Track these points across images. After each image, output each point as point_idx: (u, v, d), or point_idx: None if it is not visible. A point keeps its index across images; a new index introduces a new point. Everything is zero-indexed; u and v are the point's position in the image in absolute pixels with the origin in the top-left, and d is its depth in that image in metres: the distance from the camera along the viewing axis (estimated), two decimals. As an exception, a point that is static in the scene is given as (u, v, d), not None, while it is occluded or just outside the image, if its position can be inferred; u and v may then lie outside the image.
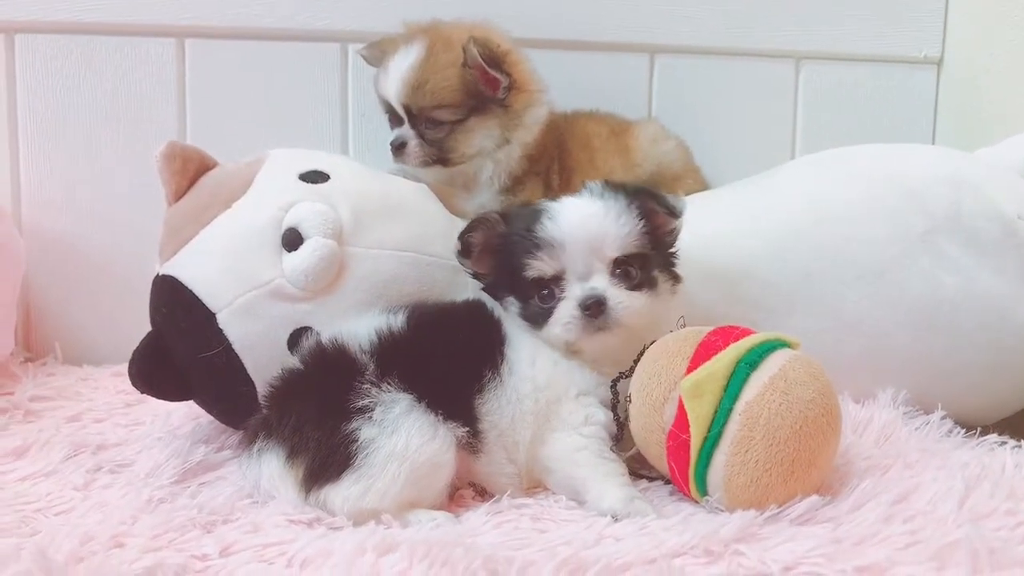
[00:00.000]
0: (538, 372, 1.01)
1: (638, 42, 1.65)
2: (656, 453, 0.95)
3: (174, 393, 1.14)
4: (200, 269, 1.10)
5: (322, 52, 1.59)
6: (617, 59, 1.65)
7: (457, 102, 1.27)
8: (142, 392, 1.12)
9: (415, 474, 0.91)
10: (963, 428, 1.14)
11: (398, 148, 1.31)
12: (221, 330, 1.07)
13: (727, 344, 0.92)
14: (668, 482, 1.00)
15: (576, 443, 0.98)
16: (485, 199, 1.34)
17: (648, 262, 1.03)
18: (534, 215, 1.02)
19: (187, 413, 1.25)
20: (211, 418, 1.20)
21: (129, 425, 1.25)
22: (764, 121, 1.72)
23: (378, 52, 1.35)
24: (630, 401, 0.98)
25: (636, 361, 1.00)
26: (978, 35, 1.65)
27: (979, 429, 1.10)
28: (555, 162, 1.36)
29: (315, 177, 1.17)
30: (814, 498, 0.88)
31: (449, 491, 0.97)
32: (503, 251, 1.04)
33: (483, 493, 1.01)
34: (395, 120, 1.34)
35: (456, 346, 1.01)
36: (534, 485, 1.01)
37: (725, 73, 1.69)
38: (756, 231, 1.27)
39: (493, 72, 1.26)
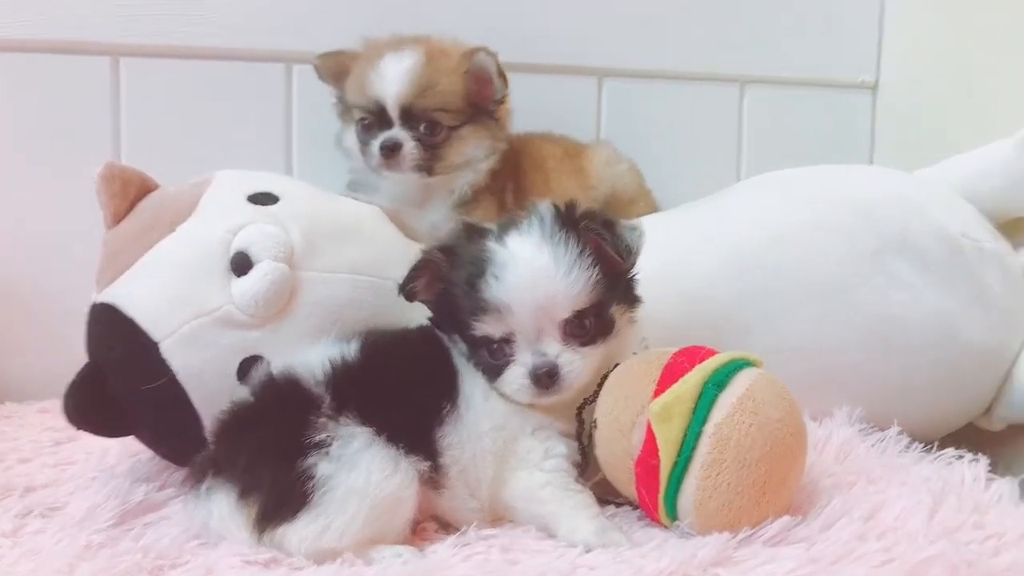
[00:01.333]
0: (492, 409, 0.96)
1: (587, 65, 1.66)
2: (624, 479, 0.93)
3: (113, 429, 1.07)
4: (142, 296, 1.03)
5: (266, 72, 1.54)
6: (566, 81, 1.66)
7: (459, 108, 1.27)
8: (79, 428, 1.04)
9: (375, 511, 0.86)
10: (914, 443, 1.15)
11: (391, 150, 1.25)
12: (165, 360, 1.01)
13: (693, 365, 0.90)
14: (636, 507, 0.97)
15: (538, 480, 0.94)
16: (437, 217, 1.32)
17: (603, 306, 0.96)
18: (478, 267, 0.94)
19: (123, 450, 1.18)
20: (152, 455, 1.13)
21: (59, 465, 1.16)
22: (710, 143, 1.74)
23: (335, 63, 1.32)
24: (595, 427, 0.95)
25: (599, 385, 0.98)
26: (912, 60, 1.71)
27: (936, 443, 1.11)
28: (510, 182, 1.35)
29: (264, 199, 1.12)
30: (786, 518, 0.86)
31: (411, 525, 0.93)
32: (447, 297, 0.98)
33: (446, 526, 0.97)
34: (378, 124, 1.28)
35: (414, 376, 0.97)
36: (498, 519, 0.97)
37: (672, 96, 1.71)
38: (711, 252, 1.27)
39: (500, 81, 1.25)
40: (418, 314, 1.14)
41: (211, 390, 1.01)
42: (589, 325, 0.95)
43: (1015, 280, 1.32)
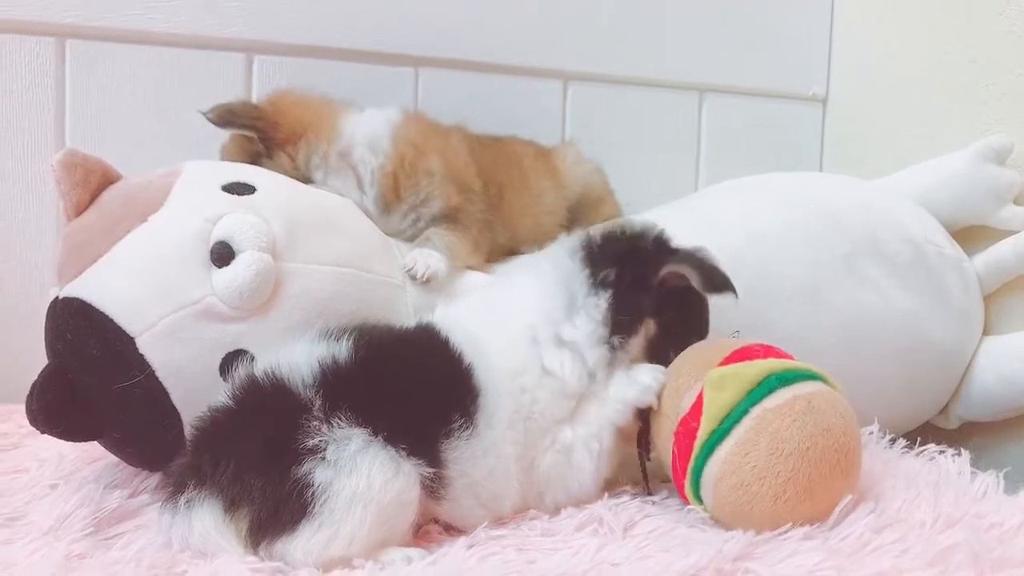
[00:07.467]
0: (519, 431, 0.93)
1: (553, 68, 1.66)
2: (665, 437, 0.94)
3: (82, 432, 0.99)
4: (115, 289, 0.96)
5: (226, 62, 1.47)
6: (532, 84, 1.65)
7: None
8: (45, 432, 0.95)
9: (383, 515, 0.81)
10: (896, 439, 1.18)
11: None
12: (142, 356, 0.94)
13: (767, 356, 0.92)
14: (653, 494, 0.98)
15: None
16: (398, 225, 1.26)
17: None
18: None
19: (81, 456, 1.10)
20: (116, 460, 1.05)
21: (8, 473, 1.06)
22: (670, 148, 1.77)
23: None
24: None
25: None
26: (860, 74, 1.77)
27: (918, 439, 1.14)
28: (492, 185, 1.30)
29: (240, 189, 1.06)
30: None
31: (413, 527, 0.88)
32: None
33: (448, 528, 0.93)
34: None
35: (418, 378, 0.91)
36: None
37: (635, 102, 1.72)
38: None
39: (229, 130, 1.20)
40: (401, 309, 1.11)
41: (192, 386, 0.95)
42: None
43: (971, 284, 1.38)
